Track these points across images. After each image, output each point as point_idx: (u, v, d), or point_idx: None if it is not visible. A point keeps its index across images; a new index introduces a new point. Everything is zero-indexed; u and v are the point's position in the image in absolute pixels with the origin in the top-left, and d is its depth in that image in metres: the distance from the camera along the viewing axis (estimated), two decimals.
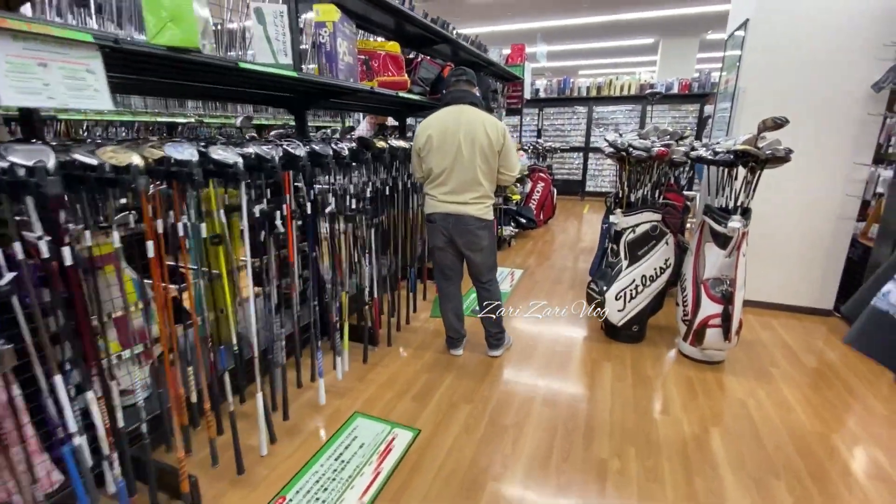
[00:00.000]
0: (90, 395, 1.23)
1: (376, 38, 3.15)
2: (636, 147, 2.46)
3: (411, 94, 2.85)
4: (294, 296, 2.00)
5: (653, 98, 7.40)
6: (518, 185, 5.51)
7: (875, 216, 2.91)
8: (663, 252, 2.58)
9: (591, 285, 2.74)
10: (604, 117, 8.14)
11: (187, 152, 1.26)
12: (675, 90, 7.55)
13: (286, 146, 1.74)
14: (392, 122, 4.11)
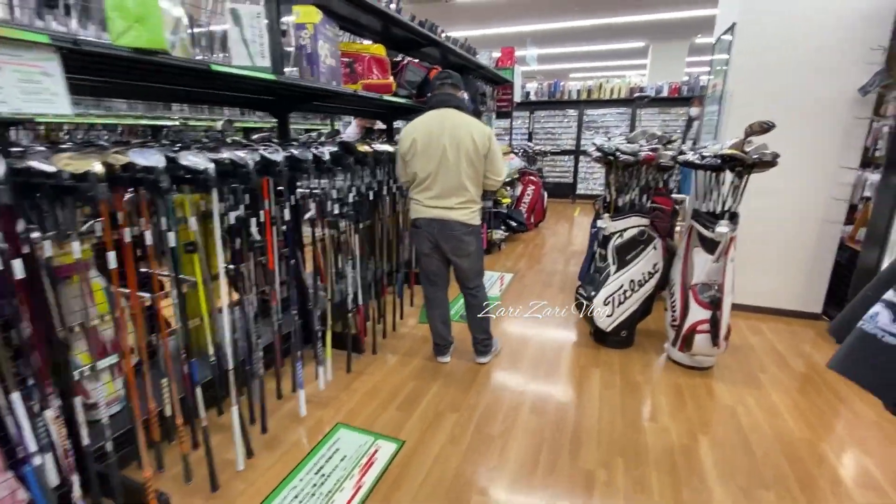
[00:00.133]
0: (48, 414, 1.17)
1: (363, 40, 3.10)
2: (624, 151, 2.44)
3: (397, 98, 2.81)
4: (275, 304, 1.94)
5: (642, 101, 7.41)
6: (508, 188, 5.48)
7: (862, 220, 2.91)
8: (651, 257, 2.55)
9: (580, 290, 2.71)
10: (594, 120, 8.14)
11: (153, 158, 1.20)
12: (664, 94, 7.58)
13: (263, 151, 1.68)
14: (381, 126, 4.06)
